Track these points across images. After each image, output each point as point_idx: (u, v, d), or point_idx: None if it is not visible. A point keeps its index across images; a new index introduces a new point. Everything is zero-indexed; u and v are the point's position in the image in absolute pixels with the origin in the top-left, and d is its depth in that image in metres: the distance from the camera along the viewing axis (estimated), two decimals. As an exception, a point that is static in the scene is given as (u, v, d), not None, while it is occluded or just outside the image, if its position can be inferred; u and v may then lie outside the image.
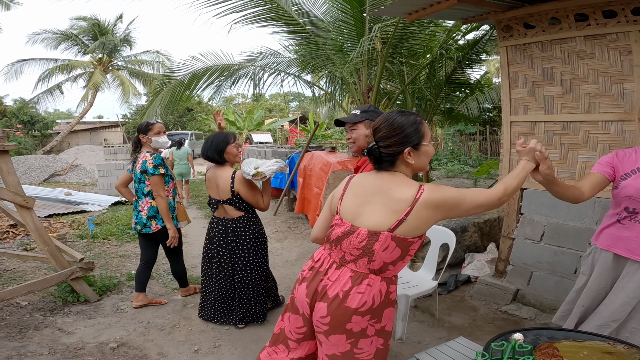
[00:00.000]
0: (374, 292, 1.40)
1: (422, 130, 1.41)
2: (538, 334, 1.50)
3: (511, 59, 3.17)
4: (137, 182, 3.10)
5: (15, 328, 2.82)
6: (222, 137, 2.82)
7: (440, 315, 3.23)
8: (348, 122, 2.11)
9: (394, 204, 1.37)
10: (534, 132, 3.11)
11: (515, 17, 3.06)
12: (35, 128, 20.90)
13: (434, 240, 3.23)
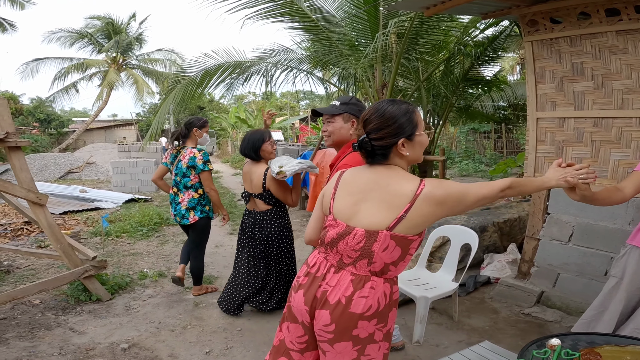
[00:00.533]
0: (378, 294, 1.31)
1: (415, 119, 1.32)
2: (576, 339, 1.41)
3: (537, 54, 3.05)
4: (181, 175, 3.22)
5: (27, 327, 2.80)
6: (258, 135, 2.96)
7: (459, 317, 3.12)
8: (326, 113, 2.01)
9: (392, 200, 1.28)
10: (562, 129, 2.98)
11: (541, 12, 2.96)
12: (51, 126, 21.28)
13: (455, 240, 3.12)
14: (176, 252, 4.87)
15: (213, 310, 3.23)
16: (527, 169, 3.24)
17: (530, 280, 3.30)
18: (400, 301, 3.36)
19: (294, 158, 3.00)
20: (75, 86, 19.87)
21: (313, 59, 5.86)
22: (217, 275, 4.11)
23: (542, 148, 3.11)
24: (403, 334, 2.91)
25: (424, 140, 1.35)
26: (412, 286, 2.96)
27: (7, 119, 2.74)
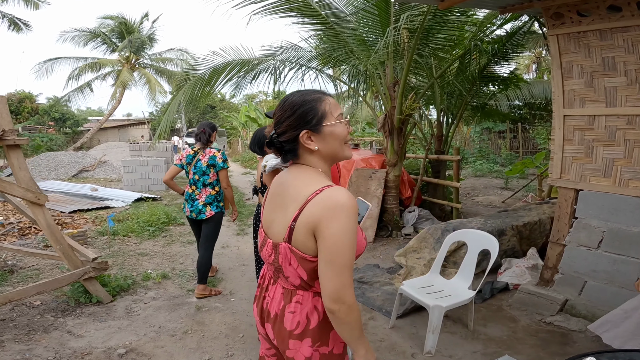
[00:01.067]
0: (306, 310, 1.16)
1: (321, 107, 1.13)
2: (614, 356, 1.27)
3: (563, 48, 2.87)
4: (200, 174, 3.45)
5: (24, 330, 2.72)
6: (263, 132, 3.02)
7: (475, 325, 2.95)
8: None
9: (289, 206, 1.12)
10: (592, 127, 2.79)
11: (567, 5, 2.79)
12: (66, 125, 21.60)
13: (472, 246, 2.95)
14: (182, 253, 4.79)
15: (215, 315, 3.12)
16: (552, 170, 3.04)
17: (554, 288, 3.13)
18: (409, 308, 3.24)
19: None
20: (90, 85, 20.12)
21: (322, 56, 5.70)
22: (221, 277, 4.00)
23: (569, 147, 2.91)
24: (413, 342, 2.75)
25: (337, 131, 1.14)
26: (425, 294, 2.79)
27: (6, 116, 2.67)
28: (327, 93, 1.19)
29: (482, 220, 4.36)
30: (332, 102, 1.16)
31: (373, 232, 5.32)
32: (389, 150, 5.42)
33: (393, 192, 5.57)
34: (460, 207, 5.65)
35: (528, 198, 7.81)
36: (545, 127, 13.71)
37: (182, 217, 6.85)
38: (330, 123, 1.13)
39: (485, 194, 9.72)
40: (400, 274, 4.06)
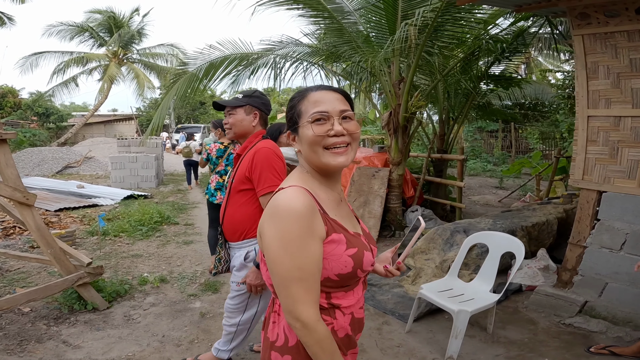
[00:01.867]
0: (283, 323, 1.03)
1: (298, 107, 1.02)
2: None
3: (589, 48, 2.81)
4: (212, 164, 4.02)
5: (15, 339, 2.49)
6: (276, 127, 2.95)
7: (494, 329, 2.85)
8: (228, 105, 2.05)
9: None
10: (617, 128, 2.71)
11: (594, 5, 2.71)
12: (50, 120, 20.90)
13: (494, 248, 2.86)
14: (178, 255, 4.57)
15: (221, 322, 2.92)
16: (574, 171, 2.95)
17: (572, 290, 3.08)
18: (424, 311, 3.13)
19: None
20: (75, 80, 19.47)
21: (325, 52, 5.52)
22: (223, 280, 3.80)
23: (593, 148, 2.84)
24: (432, 347, 2.64)
25: (305, 134, 0.99)
26: (447, 298, 2.67)
27: (-7, 106, 2.42)
28: (318, 87, 1.04)
29: (490, 221, 4.26)
30: (312, 99, 1.01)
31: (376, 232, 5.19)
32: (393, 149, 5.29)
33: (396, 192, 5.44)
34: (463, 207, 5.57)
35: (526, 198, 7.80)
36: (537, 127, 13.83)
37: (176, 216, 6.60)
38: (301, 124, 1.01)
39: (480, 193, 9.71)
40: (409, 276, 3.94)
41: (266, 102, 2.12)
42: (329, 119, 0.98)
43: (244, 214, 1.93)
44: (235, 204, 1.95)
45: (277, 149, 1.99)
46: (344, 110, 1.00)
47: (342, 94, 1.04)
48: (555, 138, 13.58)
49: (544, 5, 3.01)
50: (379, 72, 5.15)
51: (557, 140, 13.32)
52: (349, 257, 0.99)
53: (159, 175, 10.94)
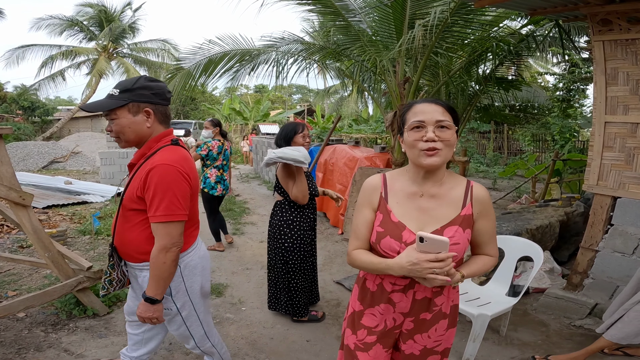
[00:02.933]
0: None
1: (404, 117, 1.25)
2: None
3: (609, 54, 2.80)
4: (211, 159, 4.49)
5: (13, 347, 2.33)
6: (291, 127, 2.86)
7: (505, 331, 2.84)
8: (100, 110, 1.51)
9: None
10: (635, 135, 2.71)
11: (617, 12, 2.68)
12: (35, 114, 20.29)
13: (510, 252, 2.84)
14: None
15: (229, 327, 2.82)
16: (589, 176, 2.93)
17: (583, 292, 3.09)
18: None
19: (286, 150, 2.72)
20: (63, 74, 18.95)
21: (329, 50, 5.41)
22: (226, 283, 3.69)
23: (609, 154, 2.82)
24: None
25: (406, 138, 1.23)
26: (464, 302, 2.63)
27: (-12, 99, 2.25)
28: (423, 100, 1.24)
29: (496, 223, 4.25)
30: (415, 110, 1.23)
31: (378, 234, 5.13)
32: (396, 149, 5.22)
33: (398, 192, 5.39)
34: (465, 208, 5.54)
35: (522, 200, 7.85)
36: (529, 129, 14.00)
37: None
38: (404, 130, 1.24)
39: (475, 194, 9.75)
40: (414, 278, 3.89)
41: (158, 90, 1.55)
42: (425, 127, 1.16)
43: (140, 235, 1.55)
44: (129, 223, 1.56)
45: (185, 162, 1.54)
46: (441, 121, 1.16)
47: (445, 107, 1.19)
48: (547, 140, 13.76)
49: (561, 9, 2.99)
50: (384, 72, 5.07)
51: (548, 143, 13.50)
52: (376, 232, 1.28)
53: (151, 172, 10.69)
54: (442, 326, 1.35)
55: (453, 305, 1.37)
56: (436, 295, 1.31)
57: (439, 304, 1.32)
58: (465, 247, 1.24)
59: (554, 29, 4.60)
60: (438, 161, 1.16)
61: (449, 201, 1.24)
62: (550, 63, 15.77)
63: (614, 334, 2.16)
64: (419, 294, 1.30)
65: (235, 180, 10.86)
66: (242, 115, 18.69)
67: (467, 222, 1.23)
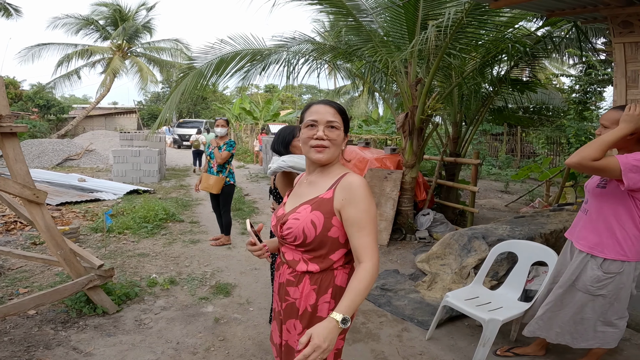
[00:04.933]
0: None
1: (303, 115, 1.35)
2: None
3: (630, 57, 2.75)
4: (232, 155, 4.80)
5: (22, 345, 2.36)
6: (289, 131, 2.73)
7: (515, 335, 2.79)
8: None
9: None
10: None
11: (637, 13, 2.62)
12: (50, 112, 20.70)
13: (523, 257, 2.80)
14: (186, 254, 4.44)
15: (236, 328, 2.81)
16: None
17: None
18: (445, 317, 3.05)
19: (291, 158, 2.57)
20: (78, 73, 19.29)
21: (341, 50, 5.38)
22: (234, 283, 3.69)
23: (630, 157, 2.72)
24: (455, 355, 2.61)
25: (301, 134, 1.33)
26: (475, 306, 2.58)
27: (2, 99, 2.28)
28: (319, 102, 1.32)
29: (507, 227, 4.16)
30: (311, 110, 1.31)
31: (387, 235, 5.08)
32: (407, 151, 5.17)
33: (408, 195, 5.33)
34: (476, 211, 5.46)
35: (535, 203, 7.71)
36: (543, 131, 13.73)
37: (181, 213, 6.47)
38: (301, 127, 1.33)
39: (486, 197, 9.62)
40: (424, 281, 3.84)
41: None
42: (317, 126, 1.27)
43: None
44: None
45: None
46: (331, 122, 1.27)
47: (336, 109, 1.30)
48: (561, 143, 13.49)
49: (580, 11, 2.93)
50: (395, 73, 5.02)
51: (563, 146, 13.22)
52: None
53: (162, 170, 10.80)
54: (298, 328, 1.32)
55: (309, 310, 1.30)
56: (289, 284, 1.34)
57: (291, 295, 1.33)
58: (305, 225, 1.25)
59: (572, 31, 4.49)
60: (323, 158, 1.27)
61: (319, 187, 1.31)
62: (566, 65, 15.48)
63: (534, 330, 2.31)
64: (282, 276, 1.39)
65: (245, 179, 10.90)
66: (252, 114, 18.76)
67: (320, 205, 1.26)
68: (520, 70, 6.06)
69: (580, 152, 1.79)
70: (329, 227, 1.25)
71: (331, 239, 1.26)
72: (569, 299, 2.14)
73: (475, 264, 3.69)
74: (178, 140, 21.12)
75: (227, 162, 4.71)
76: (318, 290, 1.29)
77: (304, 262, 1.30)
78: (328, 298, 1.29)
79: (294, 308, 1.32)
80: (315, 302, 1.29)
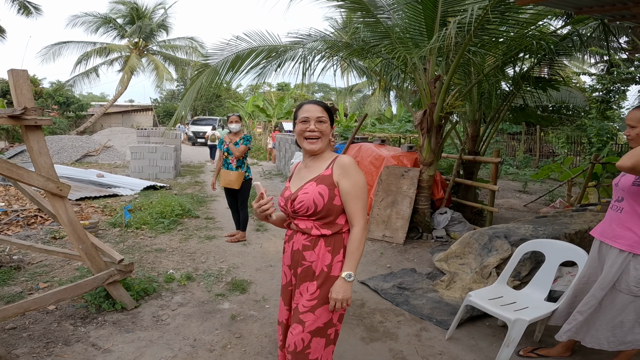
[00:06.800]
0: None
1: (296, 113, 1.62)
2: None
3: None
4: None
5: (41, 341, 2.38)
6: None
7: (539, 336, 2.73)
8: None
9: None
10: None
11: None
12: (70, 109, 21.15)
13: (551, 257, 2.71)
14: (202, 250, 4.46)
15: (253, 325, 2.79)
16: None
17: None
18: (465, 317, 2.98)
19: None
20: (96, 70, 19.66)
21: (357, 47, 5.30)
22: (250, 279, 3.67)
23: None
24: (476, 355, 2.54)
25: (296, 129, 1.61)
26: (499, 306, 2.50)
27: (27, 93, 2.30)
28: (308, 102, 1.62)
29: (530, 226, 4.04)
30: (303, 109, 1.60)
31: (404, 234, 5.00)
32: (425, 149, 5.07)
33: (425, 193, 5.23)
34: (496, 210, 5.33)
35: (556, 203, 7.50)
36: (563, 131, 13.37)
37: (196, 209, 6.51)
38: (296, 123, 1.61)
39: (504, 197, 9.41)
40: (443, 281, 3.76)
41: None
42: (309, 121, 1.56)
43: None
44: None
45: None
46: (320, 117, 1.56)
47: (323, 107, 1.60)
48: (582, 143, 13.11)
49: (609, 9, 2.81)
50: (413, 70, 4.92)
51: (583, 145, 12.86)
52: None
53: (177, 166, 10.92)
54: (310, 289, 1.54)
55: (325, 270, 1.53)
56: (305, 248, 1.55)
57: (308, 259, 1.55)
58: (315, 197, 1.50)
59: (598, 29, 4.33)
60: (316, 147, 1.56)
61: (318, 168, 1.58)
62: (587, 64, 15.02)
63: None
64: (296, 244, 1.59)
65: (258, 176, 10.93)
66: (265, 112, 18.80)
67: (323, 180, 1.53)
68: (539, 69, 5.89)
69: (634, 156, 1.77)
70: (332, 196, 1.51)
71: (335, 207, 1.52)
72: (608, 301, 2.08)
73: (497, 263, 3.59)
74: (192, 138, 21.35)
75: (244, 157, 4.75)
76: (332, 251, 1.53)
77: (316, 228, 1.53)
78: (341, 257, 1.54)
79: (310, 271, 1.55)
80: (330, 262, 1.53)
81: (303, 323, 1.50)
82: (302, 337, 1.49)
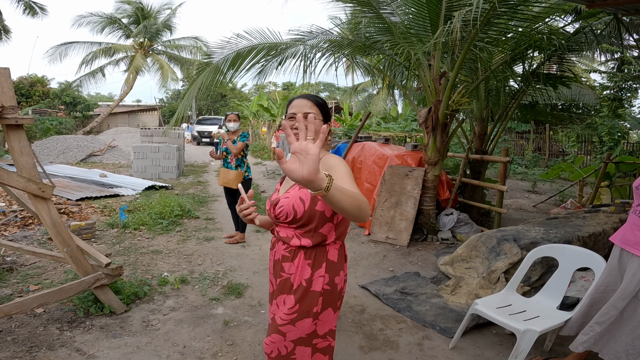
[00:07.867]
0: None
1: (287, 108, 1.53)
2: None
3: None
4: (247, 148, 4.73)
5: (25, 346, 2.28)
6: None
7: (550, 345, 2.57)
8: None
9: None
10: None
11: None
12: (76, 109, 21.27)
13: (565, 263, 2.55)
14: (199, 252, 4.35)
15: (246, 331, 2.66)
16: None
17: None
18: (472, 325, 2.83)
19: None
20: (102, 70, 19.74)
21: (359, 43, 5.15)
22: (246, 283, 3.55)
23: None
24: None
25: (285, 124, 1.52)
26: (507, 315, 2.34)
27: (7, 91, 2.20)
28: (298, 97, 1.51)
29: (541, 229, 3.86)
30: (292, 104, 1.50)
31: (408, 235, 4.85)
32: (429, 148, 4.91)
33: (431, 193, 5.07)
34: (504, 212, 5.14)
35: (567, 204, 7.27)
36: (573, 129, 13.07)
37: (197, 209, 6.42)
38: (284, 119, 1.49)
39: (512, 197, 9.18)
40: (448, 285, 3.60)
41: None
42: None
43: None
44: None
45: None
46: (308, 113, 1.41)
47: (313, 101, 1.48)
48: (593, 142, 12.80)
49: (624, 2, 2.64)
50: (417, 66, 4.76)
51: (594, 144, 12.55)
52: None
53: (180, 166, 10.86)
54: (289, 303, 1.39)
55: (304, 284, 1.38)
56: (284, 259, 1.43)
57: (287, 270, 1.42)
58: (295, 202, 1.36)
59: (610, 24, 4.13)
60: None
61: None
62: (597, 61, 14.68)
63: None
64: (277, 253, 1.47)
65: (262, 176, 10.82)
66: (269, 111, 18.71)
67: None
68: (549, 66, 5.69)
69: None
70: (315, 201, 1.35)
71: (318, 213, 1.35)
72: (629, 311, 1.94)
73: (506, 268, 3.42)
74: (197, 137, 21.34)
75: (244, 156, 4.64)
76: (313, 265, 1.39)
77: (296, 237, 1.39)
78: (322, 272, 1.39)
79: (288, 283, 1.42)
80: (310, 276, 1.39)
81: (284, 334, 1.39)
82: (285, 345, 1.40)
